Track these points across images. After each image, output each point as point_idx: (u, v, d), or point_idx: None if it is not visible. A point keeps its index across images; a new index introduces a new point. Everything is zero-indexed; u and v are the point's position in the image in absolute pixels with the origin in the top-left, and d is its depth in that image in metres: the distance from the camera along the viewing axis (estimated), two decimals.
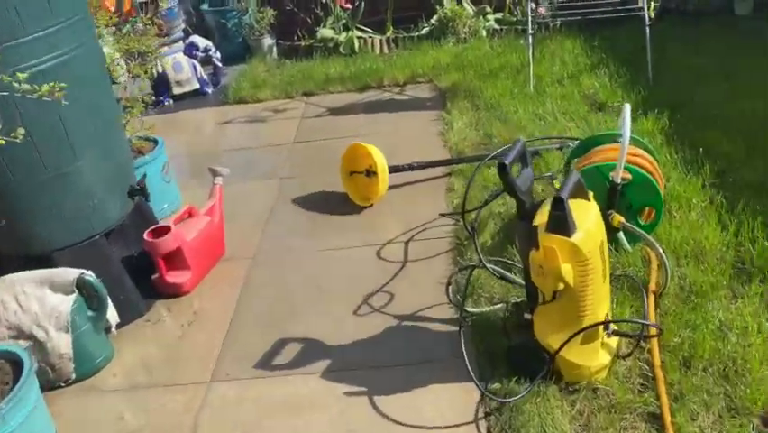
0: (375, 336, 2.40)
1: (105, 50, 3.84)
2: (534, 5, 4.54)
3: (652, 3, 4.13)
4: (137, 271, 2.77)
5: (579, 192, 1.98)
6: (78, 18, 2.44)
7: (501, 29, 5.32)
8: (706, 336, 2.07)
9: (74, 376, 2.39)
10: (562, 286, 1.90)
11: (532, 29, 4.33)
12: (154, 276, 2.80)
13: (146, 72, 3.59)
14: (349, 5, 5.43)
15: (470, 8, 5.46)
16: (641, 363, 2.06)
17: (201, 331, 2.60)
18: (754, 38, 4.56)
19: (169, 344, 2.57)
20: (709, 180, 2.89)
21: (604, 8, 4.43)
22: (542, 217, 1.93)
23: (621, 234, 2.52)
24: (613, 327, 2.04)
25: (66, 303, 2.32)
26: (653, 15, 4.10)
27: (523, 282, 2.17)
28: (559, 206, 1.85)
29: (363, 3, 5.42)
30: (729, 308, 2.20)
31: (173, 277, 2.79)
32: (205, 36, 5.39)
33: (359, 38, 5.45)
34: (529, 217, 1.95)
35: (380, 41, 5.46)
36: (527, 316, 2.08)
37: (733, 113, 3.53)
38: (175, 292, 2.80)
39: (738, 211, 2.63)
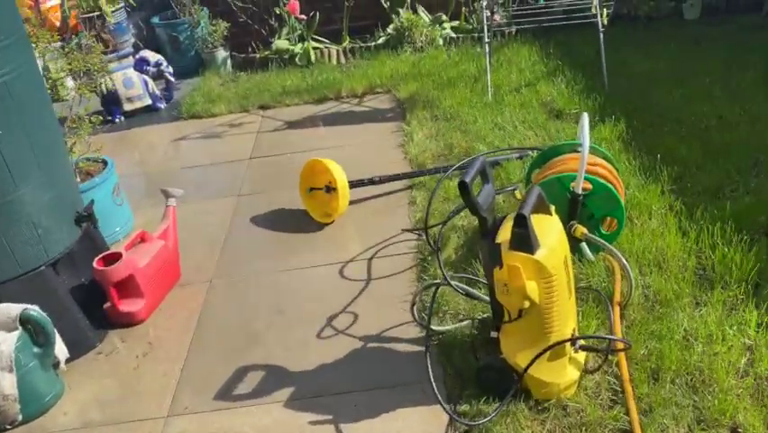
0: (340, 360, 2.33)
1: (51, 67, 3.70)
2: (489, 13, 4.55)
3: (605, 9, 4.17)
4: (88, 301, 2.64)
5: (540, 207, 1.96)
6: (13, 40, 2.31)
7: (458, 37, 5.32)
8: (672, 346, 2.06)
9: (20, 418, 2.25)
10: (527, 304, 1.86)
11: (488, 37, 4.33)
12: (106, 305, 2.67)
13: (92, 90, 3.44)
14: (303, 16, 5.35)
15: (426, 17, 5.45)
16: (609, 378, 2.04)
17: (157, 362, 2.49)
18: (703, 42, 4.67)
19: (124, 377, 2.44)
20: (668, 186, 2.91)
21: (558, 15, 4.47)
22: (505, 234, 1.89)
23: (584, 245, 2.51)
24: (581, 341, 2.01)
25: (8, 341, 2.19)
26: (606, 22, 4.14)
27: (488, 298, 2.13)
28: (521, 223, 1.82)
29: (318, 13, 5.36)
30: (694, 317, 2.19)
31: (126, 306, 2.67)
32: (157, 50, 5.23)
33: (315, 49, 5.38)
34: (492, 235, 1.91)
35: (337, 51, 5.40)
36: (494, 334, 2.04)
37: (686, 116, 3.59)
38: (128, 321, 2.68)
39: (697, 217, 2.65)
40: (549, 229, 1.92)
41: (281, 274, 2.89)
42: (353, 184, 3.23)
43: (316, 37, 5.47)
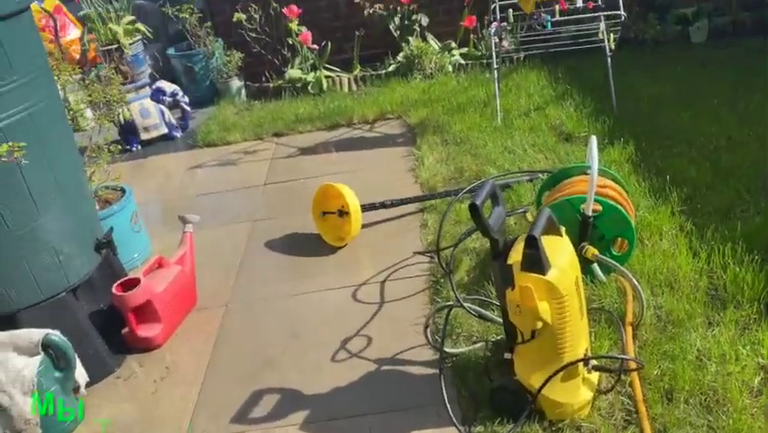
0: (354, 383, 2.35)
1: (71, 99, 3.81)
2: (497, 40, 4.63)
3: (612, 34, 4.23)
4: (107, 326, 2.68)
5: (551, 228, 1.99)
6: (39, 74, 2.40)
7: (467, 63, 5.40)
8: (685, 366, 2.07)
9: None
10: (540, 324, 1.89)
11: (497, 63, 4.40)
12: (124, 330, 2.72)
13: (111, 120, 3.54)
14: (315, 46, 5.47)
15: (435, 44, 5.55)
16: (623, 398, 2.04)
17: (174, 386, 2.52)
18: (710, 64, 4.71)
19: (142, 401, 2.48)
20: (678, 207, 2.93)
21: (566, 41, 4.54)
22: (516, 256, 1.92)
23: (595, 266, 2.53)
24: (593, 362, 2.02)
25: (31, 366, 2.23)
26: (613, 47, 4.20)
27: (501, 320, 2.15)
28: (532, 244, 1.85)
29: (330, 43, 5.47)
30: (706, 337, 2.20)
31: (144, 331, 2.71)
32: (173, 81, 5.36)
33: (327, 77, 5.48)
34: (503, 257, 1.95)
35: (348, 79, 5.50)
36: (507, 355, 2.06)
37: (694, 138, 3.61)
38: (146, 346, 2.72)
39: (708, 237, 2.67)
40: (560, 250, 1.95)
41: (295, 298, 2.92)
42: (365, 208, 3.28)
43: (328, 66, 5.58)
